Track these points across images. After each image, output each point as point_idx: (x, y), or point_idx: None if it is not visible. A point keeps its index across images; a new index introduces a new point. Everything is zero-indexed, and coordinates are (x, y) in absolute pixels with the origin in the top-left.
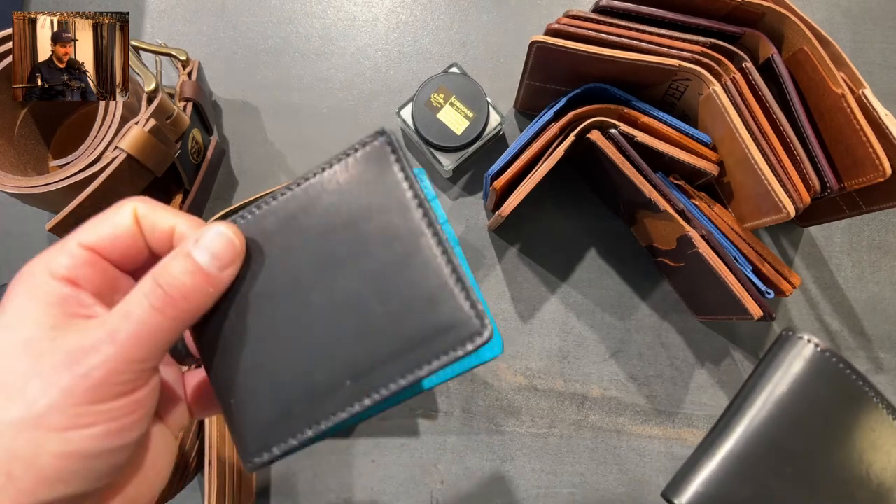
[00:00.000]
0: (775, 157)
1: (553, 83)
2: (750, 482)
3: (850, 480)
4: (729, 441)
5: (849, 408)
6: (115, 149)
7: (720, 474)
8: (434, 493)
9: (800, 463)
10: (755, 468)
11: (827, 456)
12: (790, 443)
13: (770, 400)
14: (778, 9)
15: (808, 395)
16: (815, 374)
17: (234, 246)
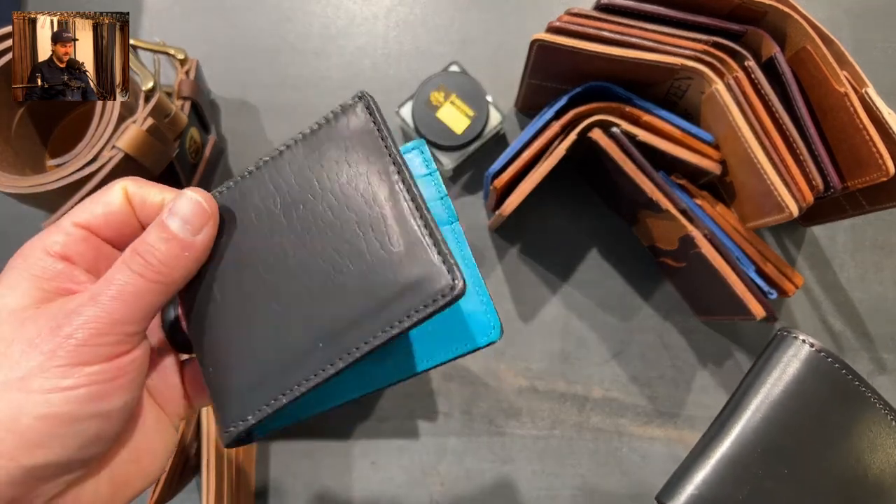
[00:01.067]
0: (778, 156)
1: (554, 81)
2: (745, 484)
3: (847, 481)
4: (724, 444)
5: (845, 408)
6: (112, 148)
7: (715, 477)
8: (434, 496)
9: (796, 464)
10: (750, 470)
11: (824, 457)
12: (786, 444)
13: (765, 401)
14: (780, 7)
15: (803, 397)
16: (811, 374)
17: (203, 210)
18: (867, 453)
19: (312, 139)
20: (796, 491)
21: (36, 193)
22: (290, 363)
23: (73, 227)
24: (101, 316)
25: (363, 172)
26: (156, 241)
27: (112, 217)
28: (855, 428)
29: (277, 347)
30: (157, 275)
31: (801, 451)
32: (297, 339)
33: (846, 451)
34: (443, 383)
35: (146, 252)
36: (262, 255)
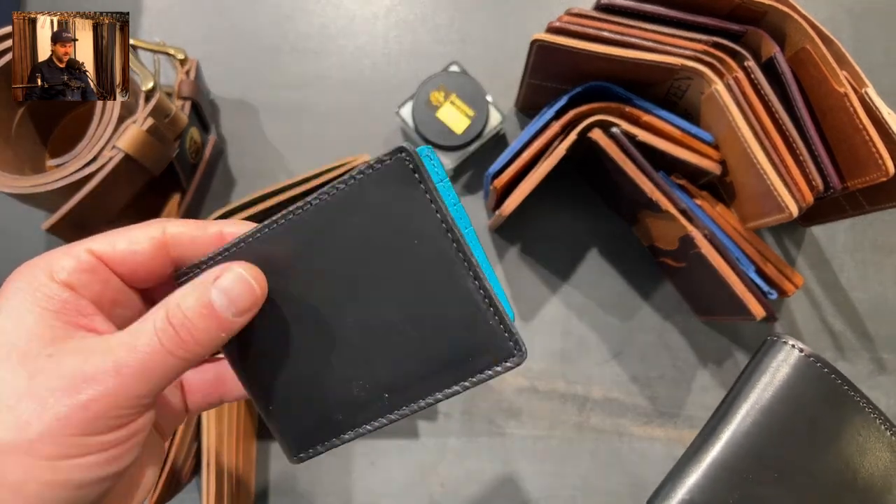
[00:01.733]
0: (778, 157)
1: (554, 81)
2: (735, 489)
3: (837, 485)
4: (714, 448)
5: (835, 413)
6: (112, 148)
7: (705, 482)
8: (434, 496)
9: (786, 469)
10: (740, 475)
11: (814, 461)
12: (776, 449)
13: (755, 406)
14: (780, 7)
15: (793, 402)
16: (801, 379)
17: (253, 293)
18: (857, 457)
19: (354, 190)
20: (786, 495)
21: (36, 193)
22: (357, 408)
23: (87, 254)
24: (121, 389)
25: (414, 235)
26: (194, 315)
27: (133, 257)
28: (845, 432)
29: (343, 393)
30: (185, 351)
31: (791, 455)
32: (362, 388)
33: (836, 455)
34: None
35: (181, 326)
36: (319, 305)
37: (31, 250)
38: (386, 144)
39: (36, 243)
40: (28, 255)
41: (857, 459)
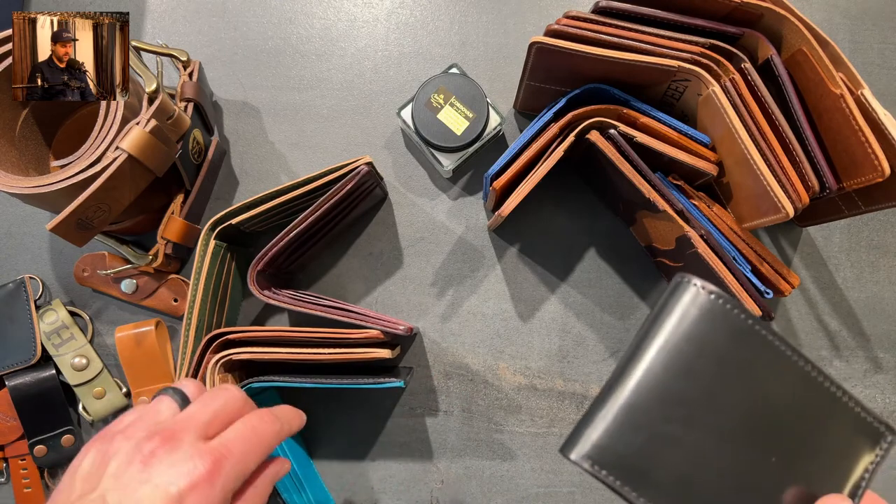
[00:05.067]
0: (774, 158)
1: (552, 84)
2: (644, 429)
3: (749, 418)
4: (622, 392)
5: (744, 349)
6: (115, 149)
7: (613, 426)
8: (434, 493)
9: (696, 407)
10: (648, 415)
11: (724, 397)
12: (685, 388)
13: (664, 348)
14: (777, 9)
15: (701, 340)
16: (707, 318)
17: None
18: (767, 390)
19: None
20: (696, 432)
21: (40, 194)
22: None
23: None
24: None
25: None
26: None
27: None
28: (754, 367)
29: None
30: None
31: (701, 393)
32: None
33: (745, 390)
34: (442, 381)
35: None
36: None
37: (35, 251)
38: (387, 146)
39: (40, 243)
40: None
41: (768, 392)
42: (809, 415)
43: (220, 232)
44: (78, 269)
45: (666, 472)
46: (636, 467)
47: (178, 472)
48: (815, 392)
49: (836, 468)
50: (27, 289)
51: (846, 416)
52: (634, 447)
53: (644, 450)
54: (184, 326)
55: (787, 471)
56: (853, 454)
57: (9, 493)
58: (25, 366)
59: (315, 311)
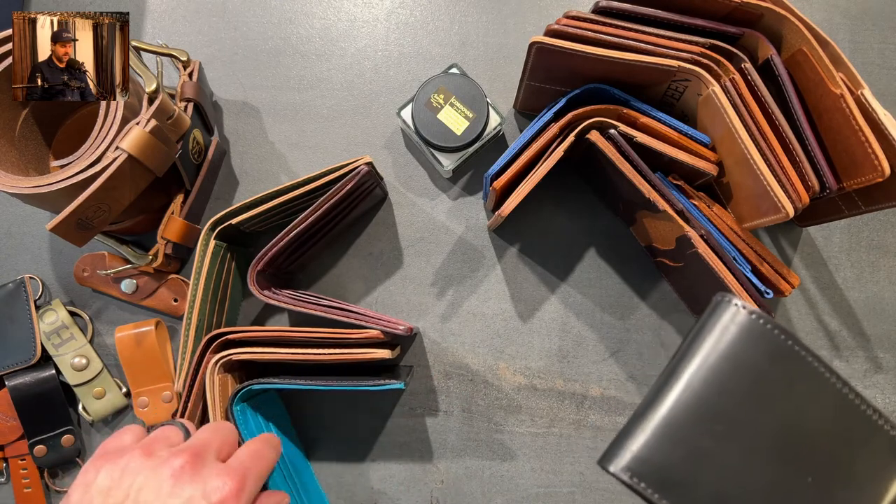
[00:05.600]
0: (774, 158)
1: (552, 84)
2: (682, 444)
3: (783, 437)
4: (662, 407)
5: (782, 369)
6: (115, 149)
7: (652, 439)
8: (434, 493)
9: (733, 424)
10: (686, 430)
11: (760, 416)
12: (722, 405)
13: (703, 365)
14: (777, 9)
15: (740, 359)
16: (748, 337)
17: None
18: (803, 410)
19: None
20: (732, 449)
21: (40, 194)
22: None
23: None
24: None
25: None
26: None
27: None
28: (792, 387)
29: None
30: None
31: (738, 411)
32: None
33: (782, 409)
34: (442, 381)
35: None
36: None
37: (35, 251)
38: (387, 146)
39: (40, 243)
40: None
41: (804, 412)
42: (845, 437)
43: (220, 232)
44: (78, 269)
45: (703, 486)
46: (674, 481)
47: (210, 488)
48: (852, 414)
49: (872, 492)
50: (27, 289)
51: (882, 440)
52: (673, 461)
53: (682, 464)
54: (184, 326)
55: (822, 493)
56: (889, 478)
57: (9, 493)
58: (25, 366)
59: (315, 311)
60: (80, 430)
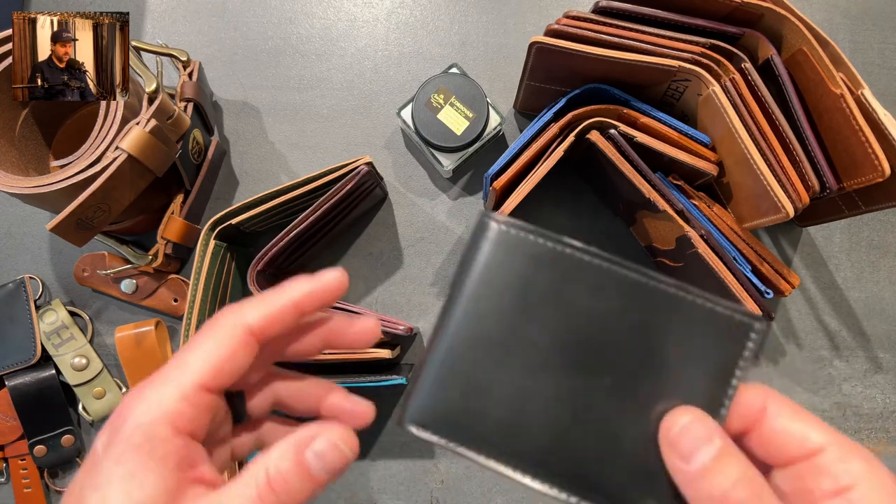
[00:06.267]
0: (774, 158)
1: (553, 84)
2: (459, 382)
3: (566, 343)
4: (438, 350)
5: (546, 272)
6: (115, 149)
7: (431, 385)
8: (434, 493)
9: (509, 344)
10: (464, 366)
11: (535, 327)
12: (494, 329)
13: (468, 295)
14: (777, 10)
15: (501, 276)
16: (504, 251)
17: (344, 458)
18: (584, 311)
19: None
20: (515, 372)
21: (40, 194)
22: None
23: (198, 391)
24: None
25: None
26: (292, 476)
27: (232, 366)
28: (564, 290)
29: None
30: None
31: (512, 331)
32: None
33: (560, 316)
34: None
35: (282, 489)
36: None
37: (35, 251)
38: (387, 146)
39: (40, 243)
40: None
41: (585, 312)
42: (641, 325)
43: (220, 232)
44: (78, 269)
45: (492, 419)
46: (460, 422)
47: None
48: (643, 297)
49: (690, 374)
50: (27, 289)
51: (696, 317)
52: (454, 402)
53: (464, 403)
54: (184, 326)
55: (623, 392)
56: (713, 356)
57: (9, 493)
58: (25, 366)
59: None
60: (80, 430)
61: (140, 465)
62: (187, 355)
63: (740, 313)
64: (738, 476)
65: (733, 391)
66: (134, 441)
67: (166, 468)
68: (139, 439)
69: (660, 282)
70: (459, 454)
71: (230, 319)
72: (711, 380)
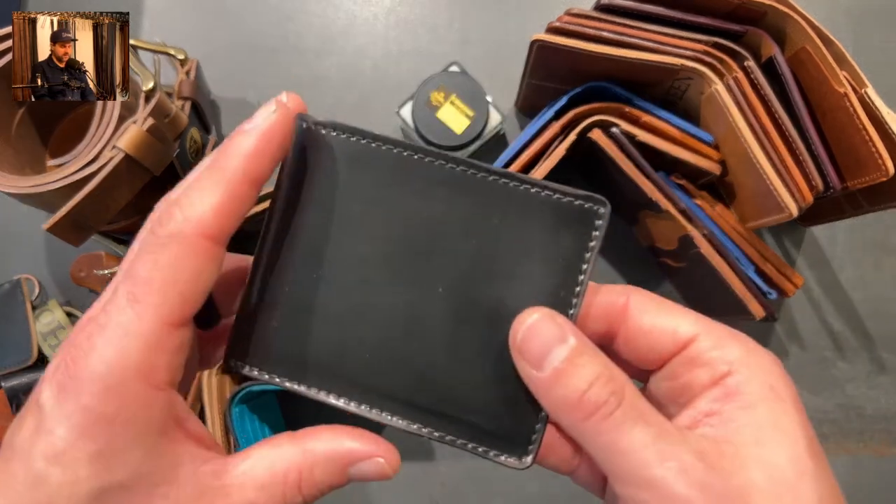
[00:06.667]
0: (777, 157)
1: (554, 82)
2: (276, 311)
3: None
4: (253, 281)
5: (359, 174)
6: (112, 148)
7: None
8: (434, 496)
9: (324, 261)
10: (277, 293)
11: (352, 239)
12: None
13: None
14: (780, 7)
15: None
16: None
17: (385, 477)
18: (405, 213)
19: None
20: (335, 290)
21: (36, 193)
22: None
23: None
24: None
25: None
26: (326, 487)
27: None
28: (381, 193)
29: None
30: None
31: (329, 246)
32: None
33: (378, 223)
34: None
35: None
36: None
37: (31, 251)
38: None
39: (36, 244)
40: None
41: (406, 214)
42: (472, 223)
43: None
44: (74, 270)
45: (319, 346)
46: (286, 354)
47: None
48: (480, 193)
49: (538, 276)
50: (23, 289)
51: (532, 209)
52: (279, 333)
53: (284, 333)
54: None
55: (459, 299)
56: (555, 251)
57: None
58: (22, 367)
59: None
60: None
61: (116, 438)
62: (139, 288)
63: (581, 198)
64: (595, 374)
65: (584, 286)
66: (101, 410)
67: (150, 435)
68: (110, 407)
69: (489, 172)
70: (287, 388)
71: (176, 228)
72: (557, 276)
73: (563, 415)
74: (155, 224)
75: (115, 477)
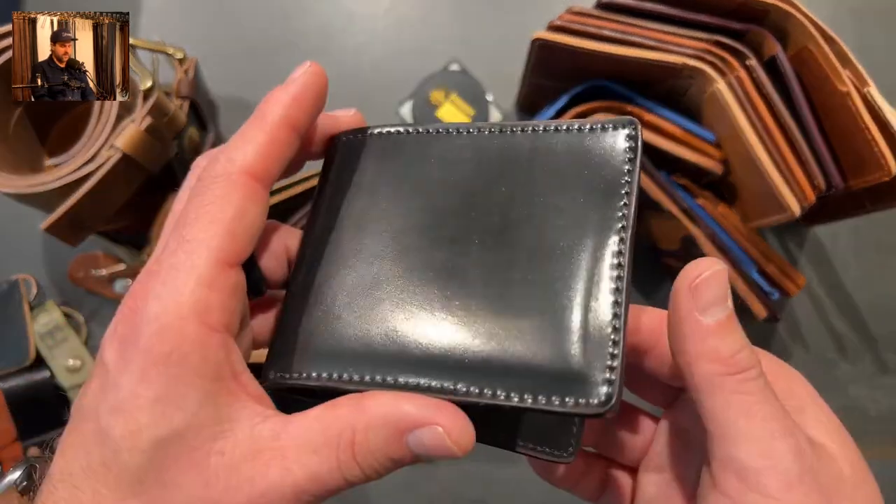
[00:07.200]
0: (780, 156)
1: (555, 80)
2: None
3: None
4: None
5: (388, 161)
6: (110, 147)
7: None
8: (433, 498)
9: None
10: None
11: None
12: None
13: (318, 210)
14: (783, 6)
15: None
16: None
17: (451, 454)
18: (434, 177)
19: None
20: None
21: (34, 193)
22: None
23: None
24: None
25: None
26: (382, 457)
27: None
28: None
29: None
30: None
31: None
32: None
33: (409, 194)
34: None
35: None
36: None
37: (29, 251)
38: None
39: (34, 244)
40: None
41: (438, 177)
42: (509, 172)
43: None
44: (72, 270)
45: (365, 333)
46: (333, 350)
47: None
48: (505, 146)
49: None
50: (21, 290)
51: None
52: (317, 330)
53: (328, 327)
54: None
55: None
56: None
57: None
58: (19, 367)
59: None
60: None
61: (173, 381)
62: (187, 229)
63: (606, 124)
64: (745, 342)
65: (630, 209)
66: (158, 350)
67: (206, 379)
68: (166, 346)
69: (511, 126)
70: (331, 386)
71: (221, 169)
72: (599, 203)
73: (706, 363)
74: (201, 171)
75: (172, 423)
